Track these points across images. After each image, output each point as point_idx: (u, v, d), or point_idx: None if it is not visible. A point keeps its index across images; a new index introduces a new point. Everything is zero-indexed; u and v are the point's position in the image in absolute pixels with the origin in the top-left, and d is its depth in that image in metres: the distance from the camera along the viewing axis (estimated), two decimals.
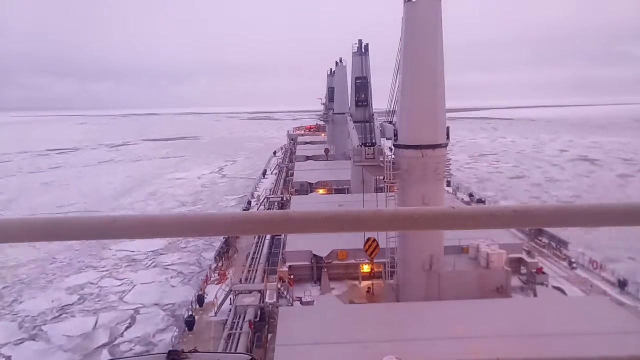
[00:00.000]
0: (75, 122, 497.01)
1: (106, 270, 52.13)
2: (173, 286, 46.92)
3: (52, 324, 39.64)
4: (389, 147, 30.28)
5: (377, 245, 30.73)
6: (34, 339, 37.12)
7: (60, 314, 41.48)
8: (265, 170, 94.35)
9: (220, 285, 35.39)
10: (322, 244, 36.35)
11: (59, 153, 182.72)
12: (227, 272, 38.61)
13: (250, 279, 35.00)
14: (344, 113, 64.13)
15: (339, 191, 61.13)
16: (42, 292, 46.52)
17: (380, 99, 36.26)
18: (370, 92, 51.26)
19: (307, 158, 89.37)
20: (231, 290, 32.30)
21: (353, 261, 35.53)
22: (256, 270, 36.58)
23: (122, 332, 37.88)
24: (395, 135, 28.18)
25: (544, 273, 33.87)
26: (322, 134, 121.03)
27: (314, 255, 35.78)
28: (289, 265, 35.44)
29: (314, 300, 30.16)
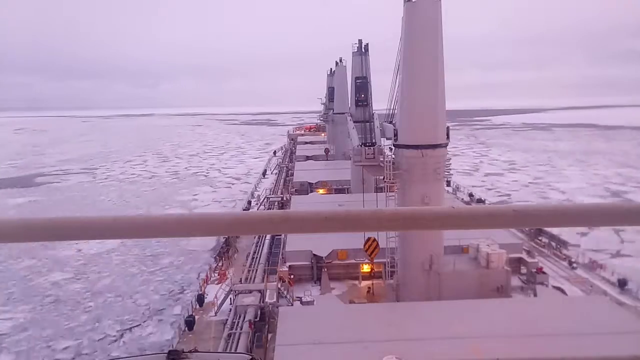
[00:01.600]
0: (12, 129, 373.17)
1: None
2: None
3: None
4: (389, 147, 30.29)
5: (377, 245, 30.71)
6: None
7: None
8: (265, 170, 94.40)
9: (220, 285, 35.41)
10: (322, 244, 36.35)
11: None
12: (227, 272, 38.61)
13: (250, 279, 35.00)
14: (344, 113, 64.14)
15: (339, 191, 61.12)
16: None
17: (381, 100, 36.25)
18: (370, 92, 51.27)
19: (307, 158, 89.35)
20: (231, 290, 32.30)
21: (353, 261, 35.51)
22: (256, 270, 36.58)
23: None
24: (395, 135, 28.18)
25: (544, 273, 33.87)
26: (322, 134, 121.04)
27: (314, 255, 35.78)
28: (289, 265, 35.44)
29: (314, 300, 30.15)
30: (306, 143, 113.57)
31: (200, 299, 33.49)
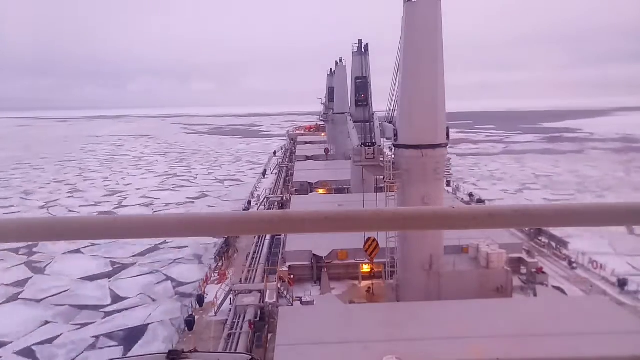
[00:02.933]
0: None
1: None
2: None
3: None
4: (389, 147, 30.29)
5: (377, 245, 30.73)
6: None
7: None
8: (265, 170, 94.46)
9: (220, 285, 35.41)
10: (322, 244, 36.35)
11: None
12: (227, 272, 38.63)
13: (250, 279, 35.04)
14: (344, 113, 64.16)
15: (339, 191, 61.14)
16: None
17: (381, 100, 36.21)
18: (370, 92, 51.27)
19: (307, 158, 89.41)
20: (231, 290, 32.32)
21: (353, 261, 35.53)
22: (256, 270, 36.61)
23: None
24: (395, 135, 28.19)
25: (544, 273, 33.88)
26: (322, 134, 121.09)
27: (314, 255, 35.79)
28: (289, 265, 35.45)
29: (314, 300, 30.18)
30: (306, 143, 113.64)
31: (200, 299, 33.49)
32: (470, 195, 65.16)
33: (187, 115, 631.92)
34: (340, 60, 74.03)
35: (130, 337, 36.57)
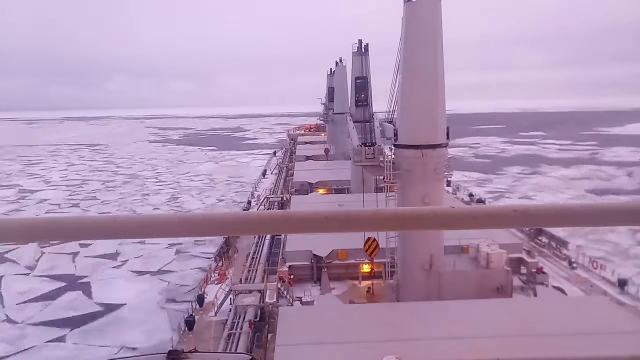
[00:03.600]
0: None
1: None
2: None
3: None
4: (389, 147, 30.30)
5: (377, 245, 30.73)
6: None
7: None
8: (265, 170, 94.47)
9: (220, 285, 35.40)
10: (322, 244, 36.34)
11: None
12: (227, 272, 38.62)
13: (250, 279, 35.01)
14: (344, 113, 64.15)
15: (339, 191, 61.10)
16: None
17: (381, 100, 36.08)
18: (370, 92, 51.28)
19: (307, 158, 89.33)
20: (231, 290, 32.30)
21: (353, 261, 35.51)
22: (256, 270, 36.58)
23: None
24: (395, 135, 28.19)
25: (544, 273, 33.87)
26: (322, 134, 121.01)
27: (314, 255, 35.77)
28: (289, 265, 35.42)
29: (314, 300, 30.17)
30: (306, 143, 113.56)
31: (200, 299, 33.49)
32: (470, 195, 65.18)
33: (173, 116, 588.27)
34: (340, 60, 74.05)
35: None
